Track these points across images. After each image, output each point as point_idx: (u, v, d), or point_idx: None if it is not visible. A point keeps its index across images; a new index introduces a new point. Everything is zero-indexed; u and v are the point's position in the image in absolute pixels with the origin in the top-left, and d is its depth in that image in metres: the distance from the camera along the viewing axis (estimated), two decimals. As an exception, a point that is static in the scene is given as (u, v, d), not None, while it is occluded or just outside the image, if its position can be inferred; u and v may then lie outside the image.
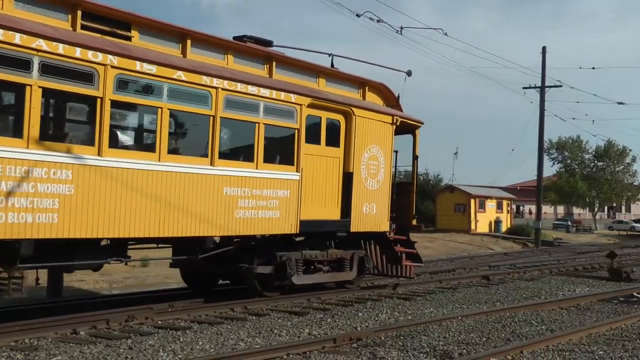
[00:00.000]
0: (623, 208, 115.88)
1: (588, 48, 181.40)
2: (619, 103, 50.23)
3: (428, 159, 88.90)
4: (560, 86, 44.39)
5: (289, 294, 14.66)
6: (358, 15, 22.43)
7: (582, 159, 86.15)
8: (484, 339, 10.90)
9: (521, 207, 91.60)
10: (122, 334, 10.69)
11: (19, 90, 9.85)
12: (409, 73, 17.64)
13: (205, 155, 12.34)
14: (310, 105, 14.15)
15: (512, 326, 12.11)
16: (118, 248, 11.74)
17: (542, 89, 44.06)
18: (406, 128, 17.11)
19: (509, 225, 55.73)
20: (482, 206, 54.19)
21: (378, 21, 22.50)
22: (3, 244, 9.57)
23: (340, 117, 15.03)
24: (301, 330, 11.39)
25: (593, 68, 64.01)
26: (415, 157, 17.64)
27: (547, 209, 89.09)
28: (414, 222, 17.69)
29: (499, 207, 56.36)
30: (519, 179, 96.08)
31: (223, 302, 13.60)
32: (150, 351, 9.44)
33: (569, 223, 76.68)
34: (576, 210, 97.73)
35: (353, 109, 15.12)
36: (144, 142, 12.63)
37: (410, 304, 14.63)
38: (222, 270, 14.56)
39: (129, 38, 11.44)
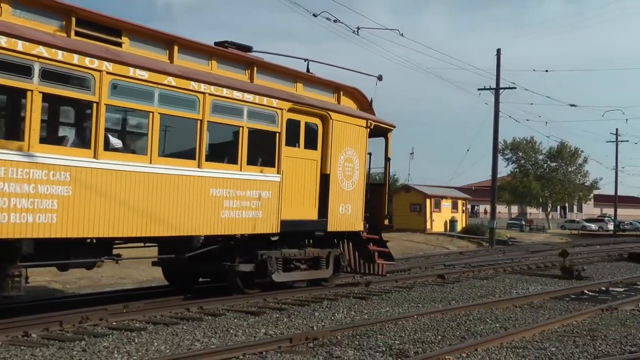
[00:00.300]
0: (575, 208, 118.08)
1: (542, 51, 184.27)
2: (571, 105, 51.20)
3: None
4: (515, 88, 44.98)
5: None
6: (315, 15, 22.47)
7: (536, 160, 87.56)
8: (439, 337, 10.98)
9: (476, 207, 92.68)
10: (76, 335, 10.49)
11: (20, 95, 10.26)
12: (379, 78, 18.21)
13: (193, 158, 12.64)
14: (290, 110, 14.58)
15: (467, 324, 12.21)
16: (107, 247, 11.99)
17: (497, 90, 44.54)
18: (379, 131, 17.64)
19: (464, 225, 56.37)
20: (437, 206, 54.73)
21: (335, 21, 22.55)
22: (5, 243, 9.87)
23: (317, 121, 15.47)
24: (257, 330, 11.35)
25: (546, 71, 65.65)
26: (387, 159, 18.14)
27: (501, 209, 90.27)
28: (386, 221, 18.25)
29: (454, 206, 56.99)
30: (473, 179, 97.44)
31: (180, 302, 13.54)
32: (104, 353, 9.31)
33: (523, 222, 77.86)
34: (530, 210, 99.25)
35: (330, 113, 15.59)
36: (135, 145, 12.79)
37: (366, 303, 14.68)
38: (204, 268, 14.88)
39: (119, 44, 11.76)
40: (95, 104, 10.87)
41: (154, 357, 9.15)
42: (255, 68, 14.41)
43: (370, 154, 17.41)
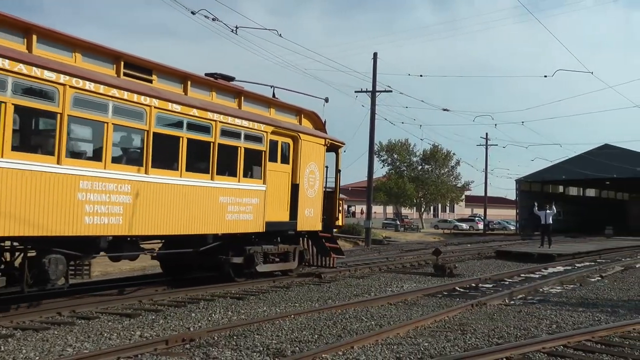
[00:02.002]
0: (448, 208, 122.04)
1: (416, 57, 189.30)
2: (444, 109, 52.56)
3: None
4: (391, 91, 45.65)
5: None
6: (193, 13, 22.24)
7: (410, 162, 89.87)
8: (316, 336, 11.05)
9: (352, 207, 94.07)
10: None
11: (101, 126, 12.99)
12: (326, 100, 22.09)
13: (207, 172, 15.64)
14: (272, 132, 17.74)
15: (343, 323, 12.34)
16: (141, 243, 14.99)
17: (373, 93, 45.22)
18: (332, 148, 21.08)
19: (340, 225, 56.80)
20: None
21: (213, 19, 22.36)
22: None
23: (290, 141, 18.74)
24: (132, 332, 11.07)
25: (421, 75, 66.82)
26: (338, 171, 21.70)
27: (377, 209, 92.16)
28: (337, 222, 21.77)
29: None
30: (350, 180, 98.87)
31: (50, 306, 13.02)
32: (-38, 363, 8.84)
33: (398, 222, 79.69)
34: (404, 210, 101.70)
35: (300, 134, 18.97)
36: (171, 163, 14.93)
37: (243, 304, 14.62)
38: (201, 261, 17.16)
39: (150, 81, 14.52)
40: (146, 132, 13.82)
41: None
42: (242, 97, 17.48)
43: (327, 167, 20.68)
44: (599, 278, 21.91)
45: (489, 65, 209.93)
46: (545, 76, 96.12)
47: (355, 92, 46.29)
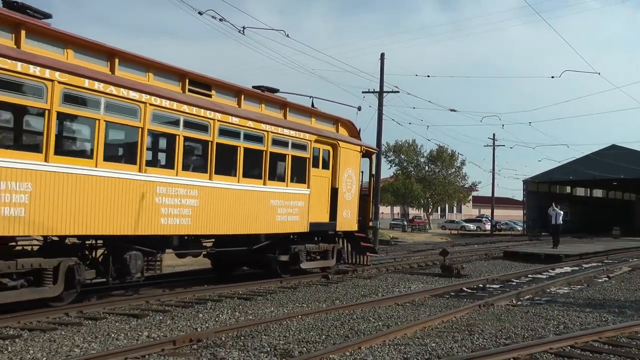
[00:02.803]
0: (455, 209, 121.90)
1: (424, 57, 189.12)
2: (452, 110, 52.27)
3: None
4: (398, 92, 45.48)
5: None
6: (200, 13, 22.21)
7: (417, 162, 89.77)
8: (324, 336, 11.06)
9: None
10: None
11: (173, 139, 14.77)
12: (359, 108, 24.41)
13: (260, 177, 17.23)
14: (315, 141, 19.30)
15: (351, 323, 12.35)
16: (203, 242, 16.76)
17: (380, 93, 45.07)
18: (367, 154, 22.59)
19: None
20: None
21: (220, 20, 22.33)
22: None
23: (330, 148, 20.26)
24: (140, 333, 11.10)
25: (428, 76, 67.03)
26: (371, 175, 23.55)
27: (384, 209, 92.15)
28: (370, 223, 23.60)
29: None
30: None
31: (58, 306, 13.05)
32: (-29, 364, 8.88)
33: (405, 223, 79.62)
34: (412, 211, 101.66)
35: (339, 142, 20.51)
36: (229, 169, 16.44)
37: (250, 304, 14.63)
38: (250, 259, 18.87)
39: (210, 96, 15.98)
40: (210, 142, 15.43)
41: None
42: (287, 108, 18.91)
43: (362, 172, 22.27)
44: (606, 279, 21.88)
45: (496, 66, 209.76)
46: (553, 77, 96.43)
47: (363, 92, 46.18)
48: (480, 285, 19.40)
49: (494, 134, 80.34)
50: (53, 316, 12.31)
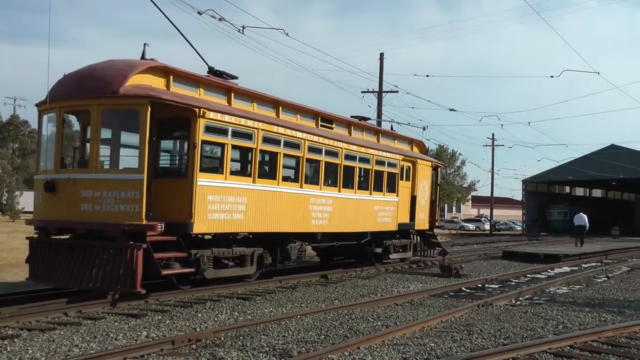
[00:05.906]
0: (454, 208, 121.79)
1: (422, 57, 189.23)
2: (451, 110, 52.28)
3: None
4: (397, 92, 45.50)
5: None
6: (200, 13, 22.19)
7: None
8: (323, 336, 11.06)
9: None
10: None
11: (298, 161, 18.84)
12: (424, 128, 31.72)
13: (367, 189, 22.28)
14: (402, 159, 24.52)
15: (350, 323, 12.35)
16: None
17: (380, 93, 45.10)
18: (435, 168, 27.95)
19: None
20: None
21: (220, 19, 22.29)
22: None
23: (410, 164, 25.39)
24: (139, 333, 11.09)
25: (427, 76, 66.66)
26: (437, 185, 28.41)
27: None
28: (437, 223, 28.46)
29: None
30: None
31: (57, 306, 13.04)
32: (-31, 364, 8.86)
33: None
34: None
35: (417, 160, 25.83)
36: (350, 184, 21.61)
37: (249, 304, 14.62)
38: (351, 251, 23.77)
39: (331, 128, 20.64)
40: (339, 165, 20.50)
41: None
42: (380, 134, 24.22)
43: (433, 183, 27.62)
44: (605, 278, 21.91)
45: (495, 65, 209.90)
46: (552, 76, 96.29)
47: (362, 92, 46.24)
48: (479, 285, 19.43)
49: (493, 134, 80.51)
50: (52, 316, 12.31)
